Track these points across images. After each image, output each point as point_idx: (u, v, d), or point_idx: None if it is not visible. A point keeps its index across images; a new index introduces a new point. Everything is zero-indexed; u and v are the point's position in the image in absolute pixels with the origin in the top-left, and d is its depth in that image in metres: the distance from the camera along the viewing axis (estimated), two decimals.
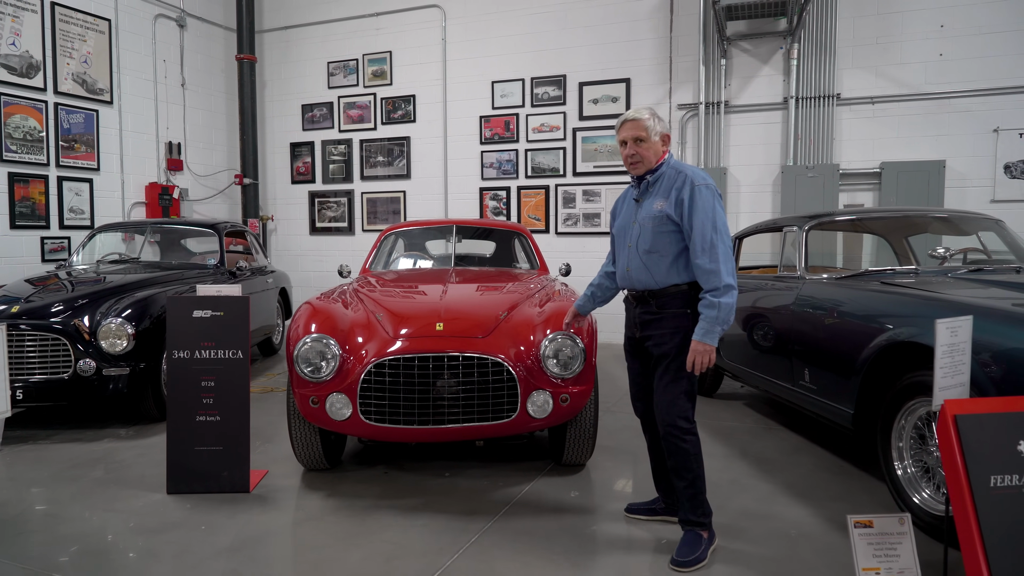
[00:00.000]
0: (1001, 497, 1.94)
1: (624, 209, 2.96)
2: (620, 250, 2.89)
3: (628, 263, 2.82)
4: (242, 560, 2.75)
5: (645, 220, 2.76)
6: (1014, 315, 2.58)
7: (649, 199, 2.79)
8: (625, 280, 2.86)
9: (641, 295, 2.80)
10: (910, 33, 7.00)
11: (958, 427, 1.98)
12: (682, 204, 2.67)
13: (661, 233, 2.72)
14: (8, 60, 6.96)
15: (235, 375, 3.51)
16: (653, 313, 2.76)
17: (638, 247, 2.77)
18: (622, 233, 2.89)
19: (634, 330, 2.86)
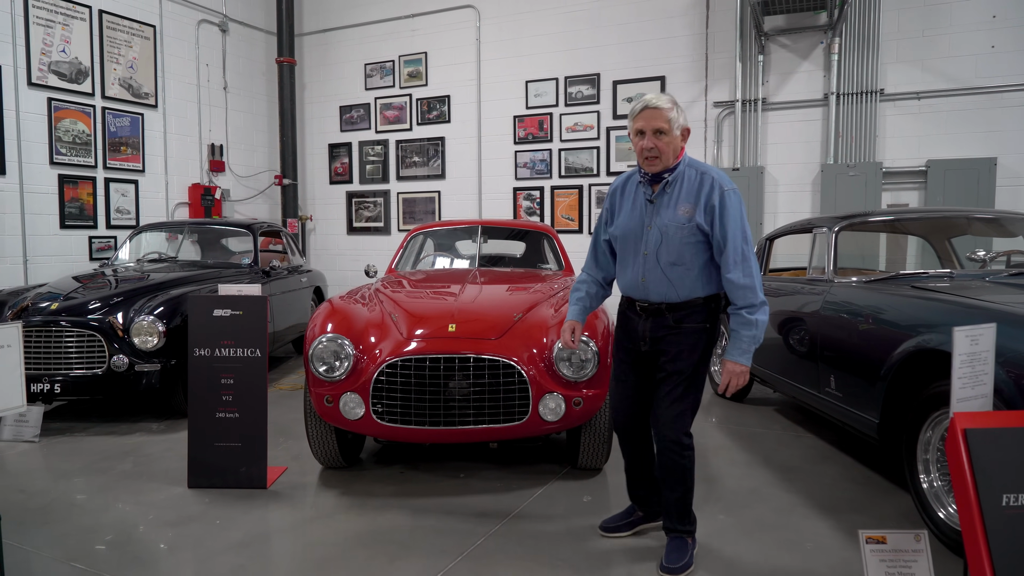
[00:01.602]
0: (1014, 517, 1.83)
1: (630, 209, 2.62)
2: (628, 256, 2.63)
3: (644, 273, 2.56)
4: (250, 556, 2.79)
5: (669, 227, 2.50)
6: None
7: (668, 202, 2.53)
8: (637, 291, 2.61)
9: (657, 308, 2.57)
10: (959, 25, 6.71)
11: (968, 441, 1.88)
12: (713, 211, 2.46)
13: (689, 244, 2.50)
14: (59, 67, 7.25)
15: (253, 373, 3.57)
16: (669, 327, 2.57)
17: (658, 257, 2.53)
18: (631, 237, 2.60)
19: (640, 343, 2.64)
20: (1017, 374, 2.42)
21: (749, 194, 7.43)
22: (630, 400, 2.76)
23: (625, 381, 2.77)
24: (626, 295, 2.70)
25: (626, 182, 2.72)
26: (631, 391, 2.75)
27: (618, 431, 2.85)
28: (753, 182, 7.41)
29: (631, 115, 2.57)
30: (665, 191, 2.55)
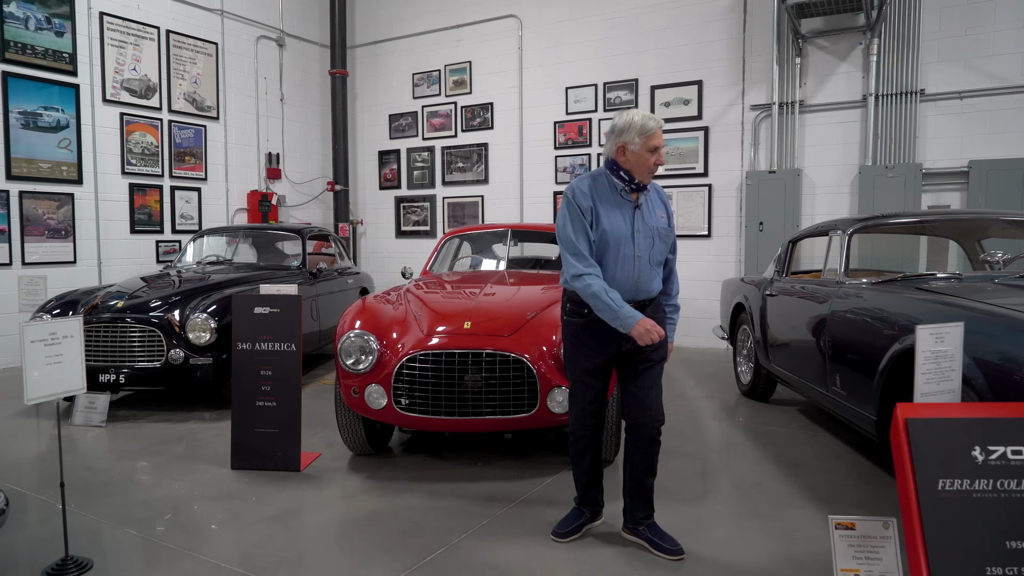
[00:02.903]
0: (948, 500, 1.95)
1: (616, 214, 2.76)
2: (617, 259, 2.74)
3: (638, 273, 2.76)
4: (278, 528, 3.11)
5: (658, 231, 2.81)
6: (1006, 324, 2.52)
7: (649, 209, 2.81)
8: (631, 291, 2.76)
9: (641, 304, 2.79)
10: (1003, 22, 6.58)
11: (909, 431, 2.01)
12: (671, 215, 2.92)
13: (667, 244, 2.89)
14: (130, 84, 7.86)
15: (289, 365, 3.91)
16: None
17: (650, 258, 2.79)
18: (621, 241, 2.74)
19: (623, 342, 2.77)
20: (986, 368, 2.52)
21: (786, 196, 7.45)
22: (598, 404, 2.88)
23: (595, 386, 2.85)
24: None
25: (593, 187, 2.78)
26: (600, 395, 2.87)
27: (587, 436, 2.90)
28: (790, 184, 7.42)
29: (645, 131, 2.67)
30: (644, 199, 2.82)
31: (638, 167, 2.71)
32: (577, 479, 3.02)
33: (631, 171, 2.72)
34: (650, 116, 2.71)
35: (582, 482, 3.01)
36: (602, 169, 2.82)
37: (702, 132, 8.01)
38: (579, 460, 2.97)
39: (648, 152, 2.69)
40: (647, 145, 2.68)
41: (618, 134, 2.72)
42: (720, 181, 7.97)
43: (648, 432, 2.79)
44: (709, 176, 8.02)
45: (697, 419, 4.98)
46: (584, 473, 2.98)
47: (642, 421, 2.79)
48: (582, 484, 3.01)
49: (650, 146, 2.68)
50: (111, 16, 7.63)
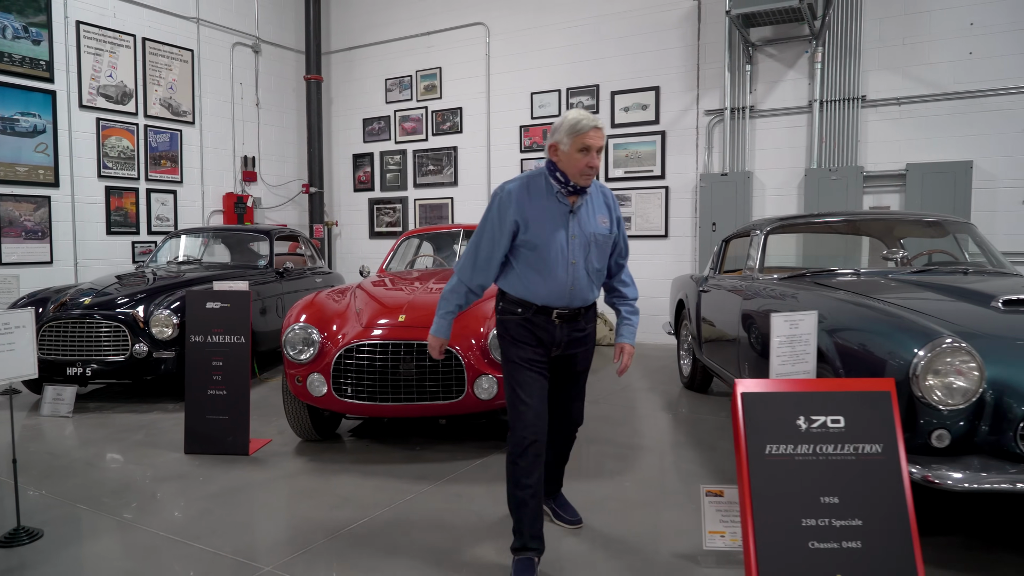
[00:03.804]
0: (774, 463, 2.25)
1: (547, 219, 2.59)
2: (549, 265, 2.58)
3: (572, 281, 2.61)
4: (217, 503, 3.39)
5: (595, 237, 2.65)
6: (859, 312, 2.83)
7: (587, 213, 2.65)
8: (562, 299, 2.61)
9: (575, 312, 2.67)
10: (938, 32, 6.91)
11: (743, 403, 2.30)
12: (617, 221, 2.75)
13: (607, 251, 2.74)
14: (106, 90, 8.13)
15: (238, 357, 4.19)
16: (581, 329, 2.73)
17: (586, 265, 2.64)
18: (553, 247, 2.57)
19: (552, 349, 2.68)
20: (841, 349, 2.83)
21: (737, 198, 7.76)
22: (543, 405, 2.65)
23: (540, 393, 2.64)
24: (540, 303, 2.62)
25: (524, 191, 2.61)
26: (544, 397, 2.66)
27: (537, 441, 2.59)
28: (741, 186, 7.73)
29: (575, 131, 2.50)
30: (582, 202, 2.64)
31: (570, 168, 2.53)
32: (521, 509, 2.58)
33: (566, 172, 2.54)
34: (586, 115, 2.52)
35: (528, 513, 2.58)
36: (542, 169, 2.64)
37: (659, 136, 8.32)
38: (525, 479, 2.57)
39: (579, 152, 2.50)
40: (577, 144, 2.49)
41: (551, 134, 2.58)
42: (676, 183, 8.28)
43: (568, 434, 2.96)
44: (666, 178, 8.33)
45: (633, 408, 5.27)
46: (532, 496, 2.57)
47: (563, 429, 2.91)
48: (528, 516, 2.58)
49: (580, 145, 2.49)
50: (87, 25, 7.89)
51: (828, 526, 2.21)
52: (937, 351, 2.46)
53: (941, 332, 2.53)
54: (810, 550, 2.19)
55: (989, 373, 2.49)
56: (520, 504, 2.59)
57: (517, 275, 2.65)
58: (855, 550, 2.19)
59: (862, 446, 2.27)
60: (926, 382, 2.46)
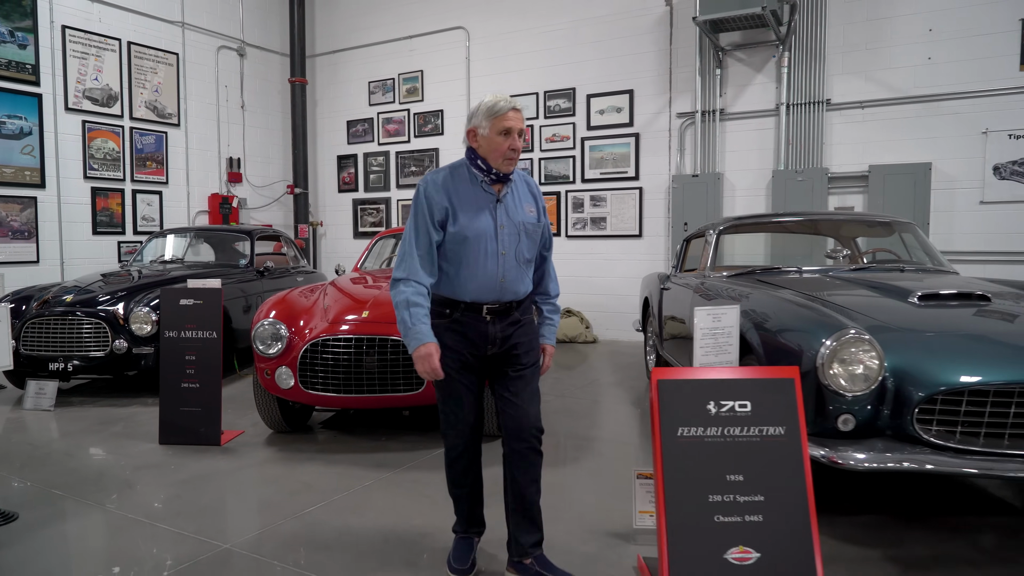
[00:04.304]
0: (686, 444, 2.45)
1: (474, 209, 2.47)
2: (478, 258, 2.46)
3: (503, 273, 2.49)
4: (186, 488, 3.58)
5: (524, 226, 2.54)
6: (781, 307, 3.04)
7: (514, 202, 2.54)
8: (492, 292, 2.49)
9: (507, 306, 2.54)
10: (899, 38, 7.13)
11: (659, 389, 2.50)
12: (542, 210, 2.66)
13: (537, 241, 2.64)
14: (92, 93, 8.30)
15: (210, 351, 4.38)
16: (517, 323, 2.58)
17: (516, 255, 2.52)
18: (482, 238, 2.46)
19: (488, 347, 2.53)
20: (764, 339, 3.03)
21: (708, 198, 7.96)
22: (476, 412, 2.59)
23: (468, 396, 2.55)
24: (470, 300, 2.49)
25: (450, 180, 2.50)
26: (478, 398, 2.59)
27: (468, 449, 2.59)
28: (711, 187, 7.94)
29: (494, 112, 2.41)
30: (507, 190, 2.54)
31: (491, 153, 2.42)
32: (459, 502, 2.69)
33: (487, 158, 2.44)
34: (504, 97, 2.44)
35: (466, 504, 2.69)
36: (463, 159, 2.54)
37: (633, 138, 8.53)
38: (461, 480, 2.63)
39: (499, 135, 2.39)
40: (497, 127, 2.39)
41: (469, 119, 2.49)
42: (650, 184, 8.48)
43: (527, 442, 2.53)
44: (640, 179, 8.53)
45: (598, 402, 5.48)
46: (469, 494, 2.67)
47: (518, 428, 2.52)
48: (466, 506, 2.69)
49: (500, 128, 2.39)
50: (73, 29, 8.06)
51: (733, 501, 2.41)
52: (841, 342, 2.67)
53: (846, 324, 2.74)
54: (716, 523, 2.39)
55: (890, 362, 2.70)
56: (458, 499, 2.70)
57: (444, 272, 2.51)
58: (757, 523, 2.40)
59: (767, 428, 2.48)
60: (831, 370, 2.67)
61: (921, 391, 2.64)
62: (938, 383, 2.63)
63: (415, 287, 2.43)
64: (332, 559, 2.79)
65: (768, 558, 2.36)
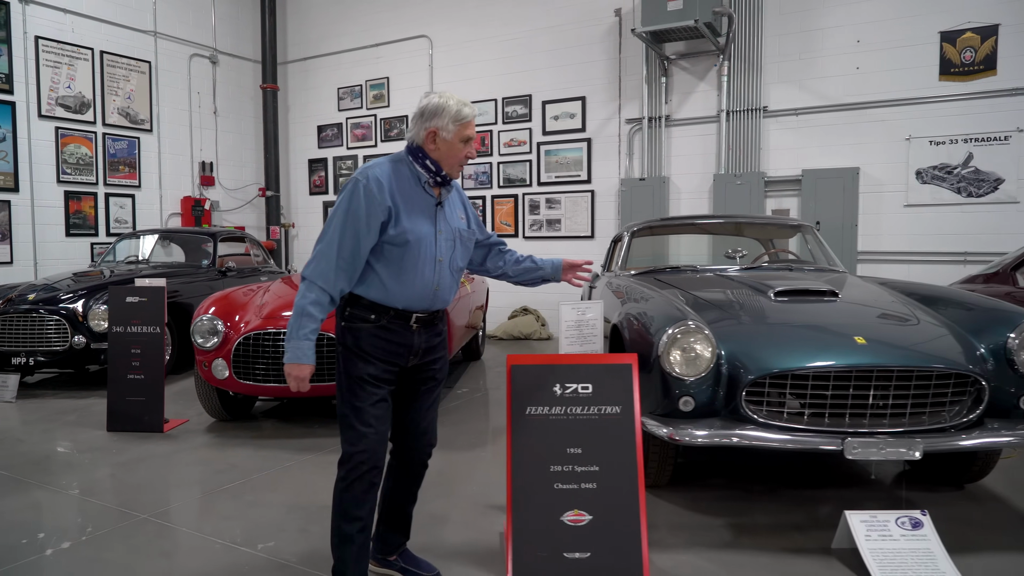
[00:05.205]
0: (533, 421, 2.80)
1: (416, 211, 2.34)
2: (416, 264, 2.33)
3: (438, 280, 2.39)
4: (122, 468, 3.94)
5: (460, 233, 2.49)
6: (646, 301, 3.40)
7: (451, 207, 2.47)
8: (425, 301, 2.38)
9: (433, 316, 2.46)
10: (829, 48, 7.49)
11: (512, 374, 2.86)
12: (474, 217, 2.62)
13: (471, 248, 2.60)
14: (65, 100, 8.64)
15: (154, 345, 4.74)
16: (439, 333, 2.53)
17: (451, 263, 2.45)
18: (423, 243, 2.34)
19: (410, 358, 2.42)
20: (629, 329, 3.39)
21: (654, 201, 8.32)
22: (387, 421, 2.43)
23: (385, 415, 2.41)
24: (401, 307, 2.35)
25: (392, 178, 2.32)
26: (389, 410, 2.43)
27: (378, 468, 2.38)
28: (658, 191, 8.30)
29: (460, 118, 2.34)
30: (446, 196, 2.46)
31: (448, 158, 2.35)
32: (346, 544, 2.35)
33: (440, 162, 2.35)
34: (466, 103, 2.37)
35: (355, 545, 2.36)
36: (403, 155, 2.40)
37: (586, 143, 8.89)
38: (358, 507, 2.35)
39: (461, 142, 2.34)
40: (461, 134, 2.33)
41: (428, 118, 2.34)
42: (601, 188, 8.84)
43: (422, 454, 2.59)
44: (592, 183, 8.89)
45: None
46: (361, 530, 2.37)
47: (415, 447, 2.56)
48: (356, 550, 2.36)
49: (464, 135, 2.34)
50: (46, 39, 8.41)
51: (571, 471, 2.77)
52: (678, 331, 3.03)
53: (685, 317, 3.10)
54: (555, 490, 2.75)
55: (725, 350, 3.06)
56: (346, 540, 2.34)
57: (376, 276, 2.32)
58: (591, 490, 2.76)
59: (605, 407, 2.83)
60: (670, 357, 3.02)
61: (749, 375, 2.99)
62: (764, 368, 2.98)
63: (317, 295, 2.24)
64: (234, 526, 3.14)
65: (599, 520, 2.72)
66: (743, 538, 3.01)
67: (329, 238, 2.27)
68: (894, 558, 2.68)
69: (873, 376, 2.95)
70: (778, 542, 2.96)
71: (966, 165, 6.93)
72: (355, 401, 2.35)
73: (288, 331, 2.26)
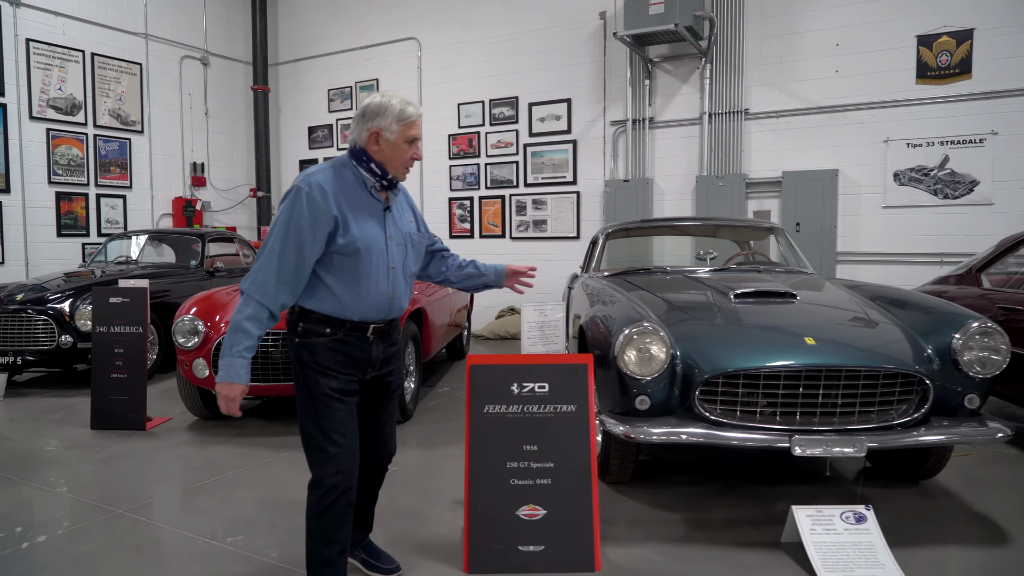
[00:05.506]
0: (491, 418, 2.90)
1: (365, 217, 2.27)
2: (369, 272, 2.26)
3: (392, 288, 2.33)
4: (102, 464, 4.04)
5: (410, 237, 2.43)
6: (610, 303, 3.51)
7: (398, 211, 2.41)
8: (380, 311, 2.32)
9: (388, 325, 2.40)
10: (810, 52, 7.59)
11: (471, 373, 2.96)
12: (421, 219, 2.58)
13: (422, 252, 2.56)
14: (56, 102, 8.74)
15: (137, 345, 4.84)
16: (395, 343, 2.48)
17: (404, 269, 2.39)
18: (374, 250, 2.27)
19: (368, 370, 2.36)
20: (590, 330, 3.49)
21: (638, 202, 8.42)
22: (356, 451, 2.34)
23: (353, 431, 2.32)
24: (357, 319, 2.29)
25: (337, 184, 2.24)
26: (356, 439, 2.35)
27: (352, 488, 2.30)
28: (641, 192, 8.40)
29: (404, 118, 2.26)
30: (393, 199, 2.40)
31: (393, 159, 2.28)
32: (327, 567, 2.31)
33: (384, 164, 2.28)
34: (410, 102, 2.28)
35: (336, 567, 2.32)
36: (346, 159, 2.31)
37: (571, 145, 8.99)
38: (336, 530, 2.29)
39: (406, 143, 2.27)
40: (406, 135, 2.27)
41: (370, 118, 2.25)
42: (587, 189, 8.94)
43: (383, 467, 2.63)
44: (577, 184, 8.99)
45: None
46: (340, 552, 2.32)
47: (376, 461, 2.57)
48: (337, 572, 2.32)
49: (408, 136, 2.27)
50: (37, 42, 8.50)
51: (527, 467, 2.88)
52: (635, 332, 3.13)
53: (641, 318, 3.20)
54: (511, 485, 2.86)
55: (681, 350, 3.16)
56: (327, 563, 2.29)
57: (328, 289, 2.23)
58: (546, 485, 2.87)
59: (560, 406, 2.94)
60: (625, 356, 3.13)
61: (703, 375, 3.10)
62: (717, 368, 3.08)
63: (254, 310, 2.13)
64: (206, 520, 3.25)
65: (553, 514, 2.83)
66: (697, 532, 3.12)
67: (270, 250, 2.16)
68: (836, 551, 2.79)
69: (822, 376, 3.05)
70: (730, 536, 3.07)
71: (942, 167, 7.03)
72: (321, 420, 2.24)
73: (222, 348, 2.14)
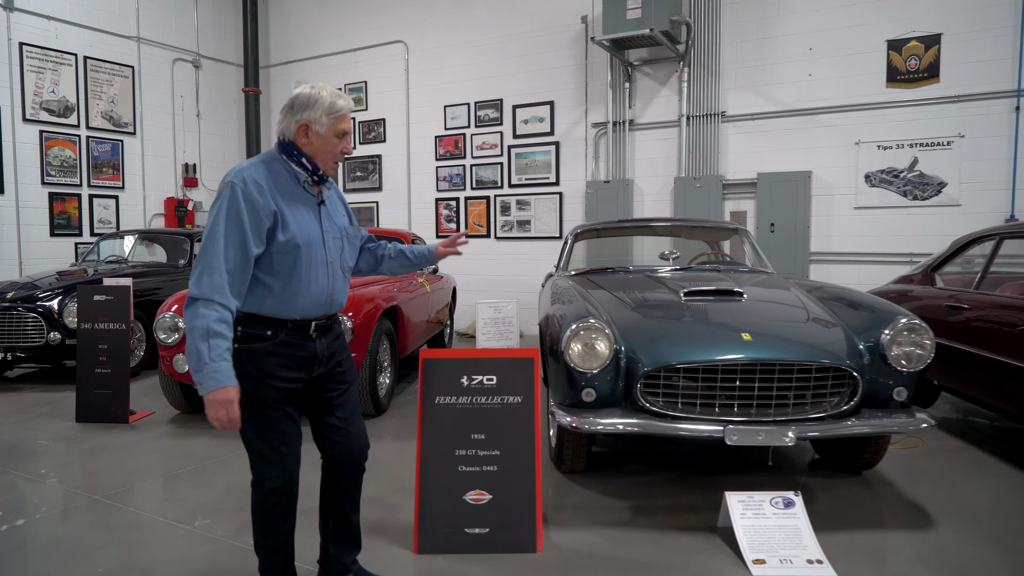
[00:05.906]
0: (441, 409, 3.08)
1: (301, 213, 2.23)
2: (310, 269, 2.23)
3: (331, 284, 2.31)
4: (82, 454, 4.23)
5: (349, 231, 2.44)
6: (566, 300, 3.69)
7: (331, 205, 2.39)
8: (321, 307, 2.29)
9: (330, 320, 2.38)
10: (784, 55, 7.76)
11: (424, 367, 3.14)
12: (351, 214, 2.55)
13: (357, 245, 2.56)
14: (49, 105, 8.92)
15: (119, 341, 5.02)
16: (338, 336, 2.46)
17: (341, 263, 2.38)
18: (313, 246, 2.24)
19: (315, 367, 2.32)
20: (546, 326, 3.67)
21: (618, 203, 8.60)
22: (299, 446, 2.33)
23: (293, 428, 2.29)
24: (299, 317, 2.25)
25: (270, 181, 2.18)
26: (299, 435, 2.33)
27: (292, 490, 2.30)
28: (622, 193, 8.58)
29: (335, 111, 2.22)
30: (326, 193, 2.37)
31: (323, 153, 2.25)
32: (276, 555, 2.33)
33: (314, 157, 2.25)
34: (341, 95, 2.24)
35: (283, 556, 2.35)
36: (274, 153, 2.26)
37: (554, 146, 9.17)
38: (279, 527, 2.30)
39: (336, 137, 2.24)
40: (336, 128, 2.23)
41: (300, 110, 2.21)
42: (569, 189, 9.12)
43: (358, 467, 2.50)
44: (560, 185, 9.17)
45: None
46: (287, 541, 2.35)
47: (351, 457, 2.46)
48: (283, 558, 2.36)
49: (339, 130, 2.24)
50: (30, 46, 8.68)
51: (475, 455, 3.06)
52: (581, 327, 3.31)
53: (587, 314, 3.38)
54: (460, 472, 3.04)
55: (625, 345, 3.34)
56: (272, 552, 2.32)
57: (266, 288, 2.18)
58: (492, 472, 3.05)
59: (507, 397, 3.12)
60: (570, 351, 3.30)
61: (644, 368, 3.27)
62: (657, 362, 3.26)
63: (219, 312, 2.02)
64: (177, 505, 3.44)
65: (498, 499, 3.01)
66: (639, 518, 3.30)
67: (213, 249, 2.06)
68: (763, 534, 2.97)
69: (757, 369, 3.23)
70: (670, 521, 3.25)
71: (912, 169, 7.20)
72: (262, 429, 2.22)
73: (193, 359, 1.99)
